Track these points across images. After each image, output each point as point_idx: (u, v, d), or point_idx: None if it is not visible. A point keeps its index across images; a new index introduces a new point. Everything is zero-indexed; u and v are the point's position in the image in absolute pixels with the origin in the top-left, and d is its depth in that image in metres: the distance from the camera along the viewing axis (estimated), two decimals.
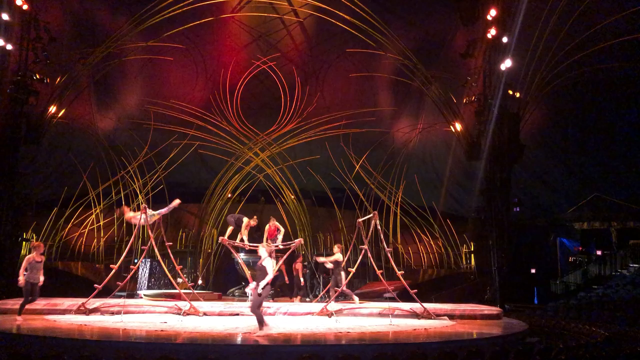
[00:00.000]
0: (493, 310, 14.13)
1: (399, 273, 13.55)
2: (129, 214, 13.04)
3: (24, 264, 11.23)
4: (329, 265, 14.16)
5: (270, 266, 10.25)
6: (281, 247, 14.11)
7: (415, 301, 13.12)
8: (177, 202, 12.92)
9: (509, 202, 18.90)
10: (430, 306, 13.61)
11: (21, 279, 11.25)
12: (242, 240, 14.04)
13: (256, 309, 10.14)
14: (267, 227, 14.79)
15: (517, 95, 19.44)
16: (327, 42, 22.31)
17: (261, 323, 10.16)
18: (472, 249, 21.86)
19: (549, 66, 19.50)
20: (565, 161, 21.74)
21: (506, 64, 18.49)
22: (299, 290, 16.34)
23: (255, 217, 14.62)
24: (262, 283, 10.09)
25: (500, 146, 18.81)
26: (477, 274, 20.49)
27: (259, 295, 10.13)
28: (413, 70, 21.41)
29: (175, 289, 14.13)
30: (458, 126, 20.62)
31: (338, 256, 13.93)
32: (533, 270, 21.84)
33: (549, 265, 22.35)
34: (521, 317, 14.57)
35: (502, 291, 17.96)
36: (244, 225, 13.82)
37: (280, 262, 13.71)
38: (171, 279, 13.97)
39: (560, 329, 13.19)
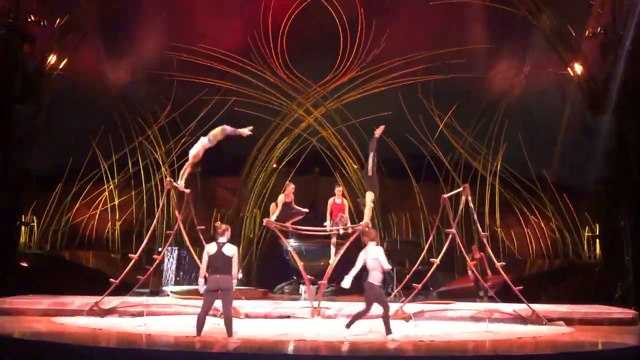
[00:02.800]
0: (626, 313, 13.79)
1: (498, 265, 13.40)
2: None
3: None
4: (366, 219, 13.86)
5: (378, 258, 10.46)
6: (342, 231, 14.17)
7: (520, 301, 12.95)
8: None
9: None
10: (541, 307, 13.40)
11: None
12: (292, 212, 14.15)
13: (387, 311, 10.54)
14: (330, 201, 14.77)
15: None
16: None
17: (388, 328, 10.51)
18: (597, 232, 21.26)
19: None
20: None
21: None
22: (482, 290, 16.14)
23: (289, 185, 14.59)
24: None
25: (635, 94, 18.11)
26: (604, 265, 19.96)
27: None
28: None
29: None
30: (578, 68, 19.95)
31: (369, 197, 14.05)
32: None
33: None
34: None
35: (638, 288, 17.46)
36: (279, 201, 14.01)
37: (341, 251, 13.78)
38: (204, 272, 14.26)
39: None
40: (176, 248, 19.32)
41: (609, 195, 19.25)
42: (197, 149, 13.92)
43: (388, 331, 10.64)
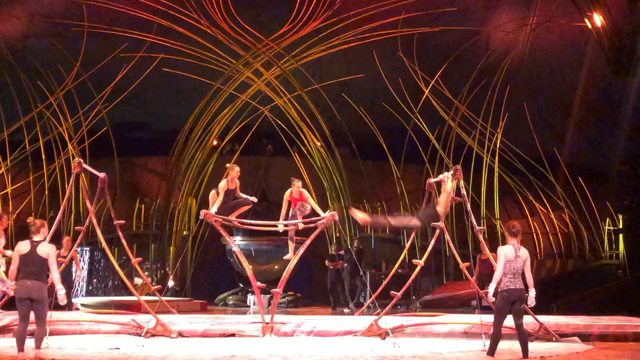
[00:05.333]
0: None
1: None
2: None
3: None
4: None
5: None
6: (301, 225, 14.10)
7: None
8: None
9: None
10: (550, 320, 13.55)
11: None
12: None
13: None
14: (286, 193, 14.69)
15: None
16: None
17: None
18: (621, 226, 21.57)
19: None
20: None
21: None
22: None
23: (233, 167, 14.33)
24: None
25: None
26: (629, 267, 20.26)
27: None
28: None
29: (131, 295, 14.28)
30: (598, 19, 20.12)
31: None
32: None
33: None
34: None
35: None
36: (220, 187, 13.82)
37: (301, 250, 13.75)
38: (124, 278, 14.11)
39: None
40: (88, 249, 19.13)
41: (637, 179, 19.45)
42: None
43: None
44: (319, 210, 13.97)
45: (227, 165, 14.40)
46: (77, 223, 18.17)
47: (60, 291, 10.38)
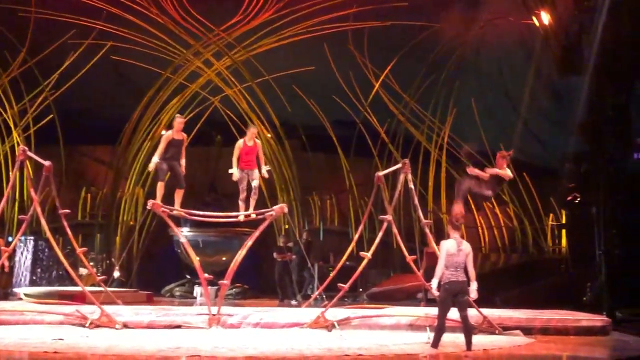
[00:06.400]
0: (596, 319, 14.26)
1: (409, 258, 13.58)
2: None
3: None
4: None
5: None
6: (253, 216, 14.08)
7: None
8: None
9: (627, 144, 18.76)
10: (494, 313, 13.72)
11: None
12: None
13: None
14: (239, 143, 14.24)
15: None
16: None
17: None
18: (564, 221, 21.86)
19: None
20: None
21: None
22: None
23: (176, 117, 14.20)
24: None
25: (615, 51, 18.58)
26: (571, 262, 20.54)
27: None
28: None
29: (76, 285, 14.15)
30: (545, 17, 20.33)
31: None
32: None
33: None
34: None
35: (611, 290, 18.07)
36: (163, 137, 13.66)
37: (249, 242, 13.74)
38: (69, 268, 13.99)
39: None
40: (32, 238, 18.90)
41: (580, 176, 19.67)
42: None
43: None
44: (263, 167, 13.88)
45: (176, 115, 14.38)
46: (21, 212, 18.02)
47: None
